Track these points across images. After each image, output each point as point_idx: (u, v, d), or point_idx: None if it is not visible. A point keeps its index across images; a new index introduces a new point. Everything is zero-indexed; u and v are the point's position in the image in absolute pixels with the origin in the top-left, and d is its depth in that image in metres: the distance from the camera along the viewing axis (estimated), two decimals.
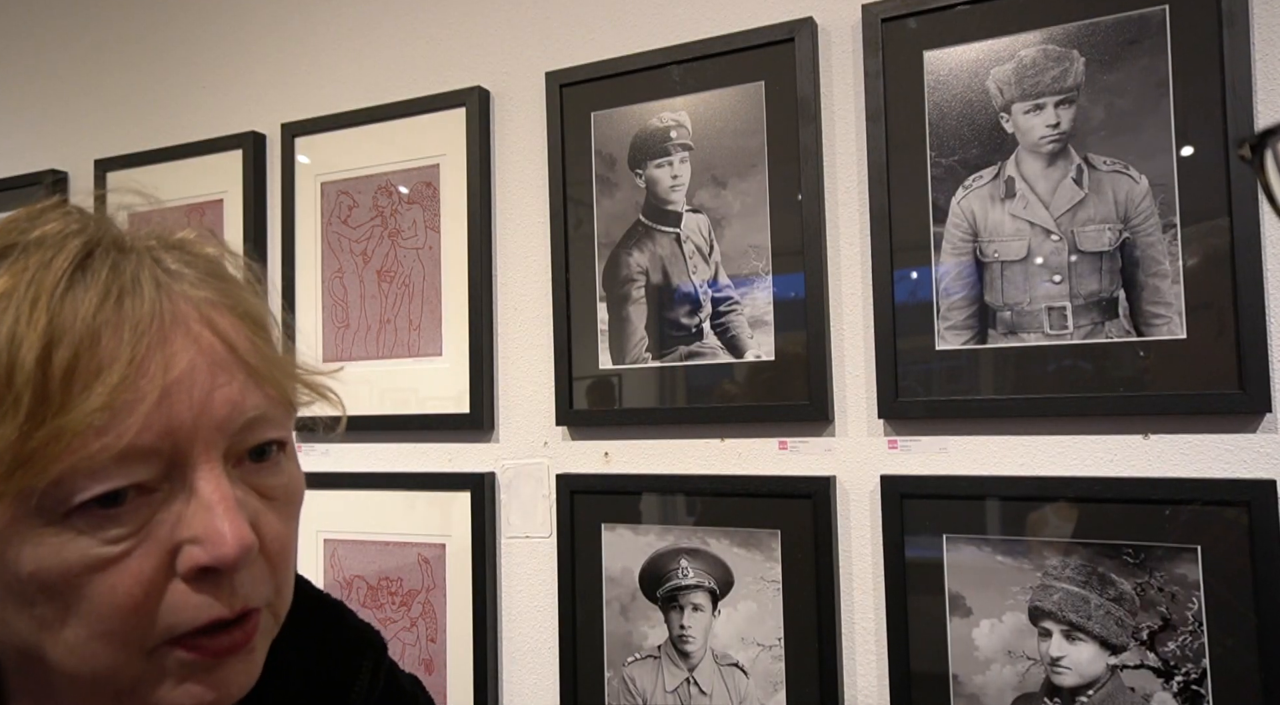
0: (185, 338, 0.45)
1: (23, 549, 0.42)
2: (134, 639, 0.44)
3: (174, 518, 0.44)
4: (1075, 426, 1.10)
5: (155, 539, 0.44)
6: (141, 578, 0.43)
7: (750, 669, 1.23)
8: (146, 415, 0.43)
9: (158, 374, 0.43)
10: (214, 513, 0.44)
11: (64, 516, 0.42)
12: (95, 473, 0.42)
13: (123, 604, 0.43)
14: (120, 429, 0.42)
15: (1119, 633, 1.05)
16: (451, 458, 1.46)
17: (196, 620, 0.44)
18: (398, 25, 1.56)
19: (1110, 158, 1.08)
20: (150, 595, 0.44)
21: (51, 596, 0.43)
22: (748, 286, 1.26)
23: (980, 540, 1.12)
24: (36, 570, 0.42)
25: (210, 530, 0.44)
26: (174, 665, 0.45)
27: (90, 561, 0.43)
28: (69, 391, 0.41)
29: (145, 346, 0.43)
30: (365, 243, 1.54)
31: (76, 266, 0.44)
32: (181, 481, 0.45)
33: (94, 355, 0.42)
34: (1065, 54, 1.10)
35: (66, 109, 1.89)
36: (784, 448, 1.24)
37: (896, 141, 1.18)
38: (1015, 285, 1.12)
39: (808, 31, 1.23)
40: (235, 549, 0.44)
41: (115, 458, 0.42)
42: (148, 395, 0.43)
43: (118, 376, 0.42)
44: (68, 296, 0.43)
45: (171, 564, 0.44)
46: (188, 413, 0.44)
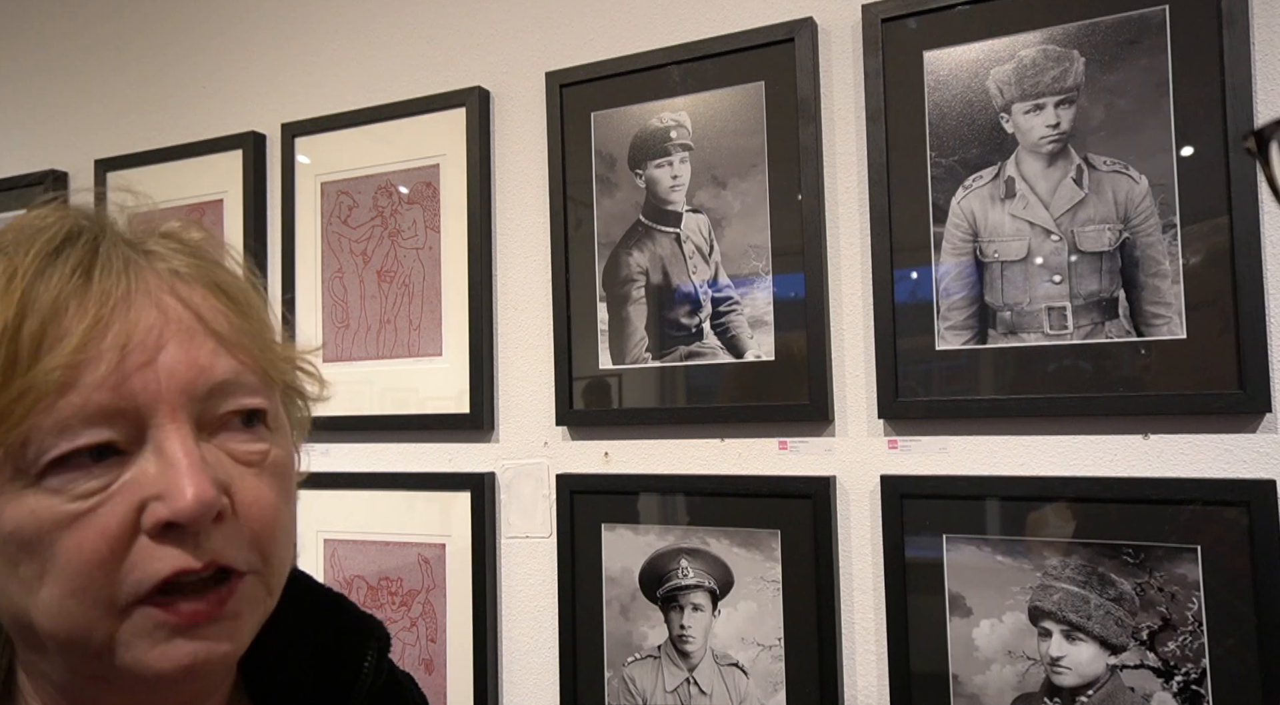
0: (149, 306, 0.47)
1: (3, 510, 0.45)
2: (103, 596, 0.45)
3: (141, 477, 0.46)
4: (1075, 426, 1.10)
5: (122, 496, 0.45)
6: (107, 533, 0.45)
7: (750, 669, 1.23)
8: (106, 374, 0.45)
9: (119, 336, 0.45)
10: (177, 469, 0.45)
11: (38, 477, 0.44)
12: (61, 430, 0.44)
13: (89, 559, 0.44)
14: (81, 387, 0.44)
15: (1119, 633, 1.05)
16: (451, 458, 1.46)
17: (160, 572, 0.45)
18: (398, 25, 1.56)
19: (1110, 158, 1.08)
20: (115, 551, 0.45)
21: (30, 555, 0.45)
22: (748, 286, 1.26)
23: (980, 540, 1.12)
24: (15, 529, 0.45)
25: (171, 486, 0.45)
26: (147, 625, 0.46)
27: (60, 517, 0.44)
28: (36, 357, 0.44)
29: (109, 311, 0.45)
30: (365, 243, 1.54)
31: (53, 250, 0.46)
32: (148, 443, 0.46)
33: (59, 324, 0.45)
34: (1065, 54, 1.10)
35: (67, 109, 1.89)
36: (784, 448, 1.24)
37: (896, 142, 1.18)
38: (1015, 285, 1.12)
39: (808, 32, 1.23)
40: (194, 504, 0.45)
41: (79, 415, 0.44)
42: (108, 355, 0.45)
43: (78, 338, 0.44)
44: (40, 277, 0.45)
45: (138, 522, 0.45)
46: (149, 372, 0.46)
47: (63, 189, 1.85)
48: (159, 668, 0.46)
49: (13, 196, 1.88)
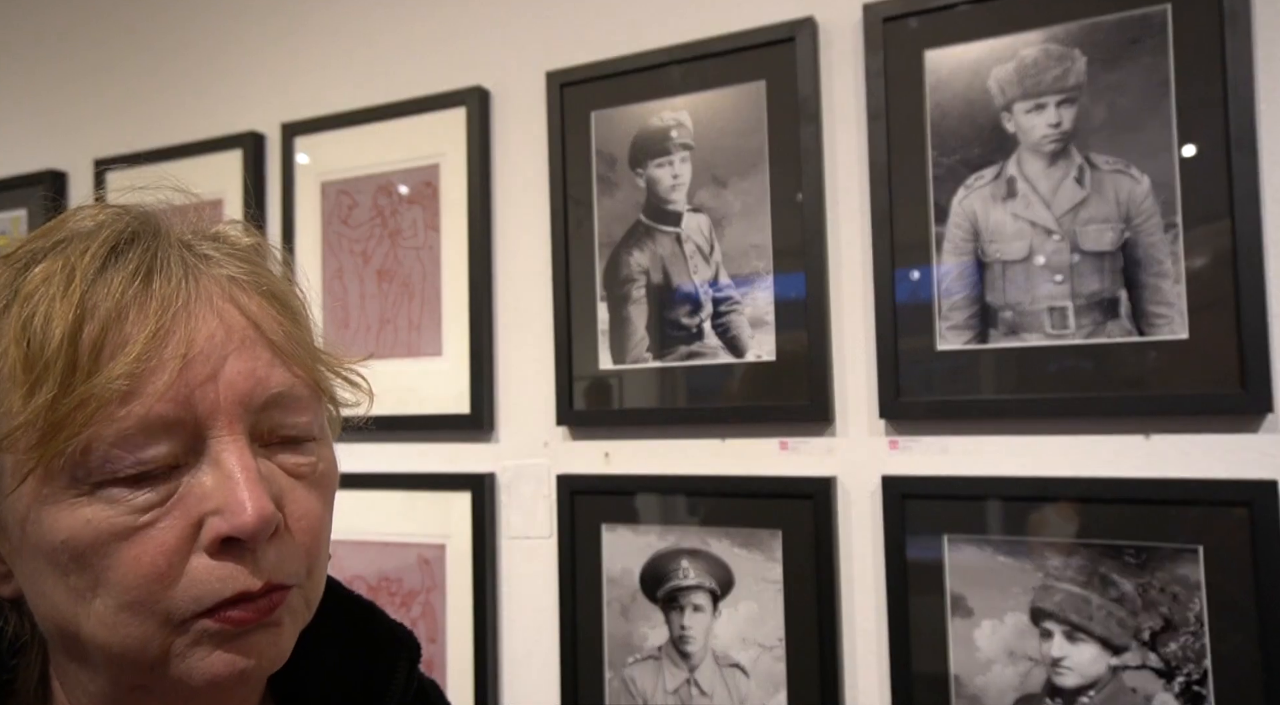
0: (210, 313, 0.47)
1: (58, 518, 0.44)
2: (160, 610, 0.45)
3: (198, 490, 0.45)
4: (1077, 427, 1.10)
5: (181, 511, 0.45)
6: (165, 548, 0.44)
7: (751, 670, 1.23)
8: (168, 384, 0.44)
9: (180, 345, 0.45)
10: (235, 483, 0.45)
11: (95, 486, 0.44)
12: (122, 440, 0.43)
13: (147, 573, 0.44)
14: (144, 397, 0.44)
15: (1120, 633, 1.04)
16: (451, 458, 1.46)
17: (221, 593, 0.45)
18: (397, 25, 1.56)
19: (1112, 157, 1.08)
20: (174, 566, 0.44)
21: (83, 566, 0.44)
22: (748, 286, 1.25)
23: (981, 541, 1.12)
24: (69, 538, 0.44)
25: (231, 500, 0.45)
26: (201, 635, 0.46)
27: (117, 530, 0.44)
28: (96, 363, 0.43)
29: (170, 319, 0.45)
30: (365, 243, 1.54)
31: (110, 250, 0.46)
32: (205, 454, 0.46)
33: (120, 330, 0.44)
34: (1067, 53, 1.10)
35: (66, 108, 1.89)
36: (785, 448, 1.24)
37: (897, 141, 1.18)
38: (1017, 285, 1.12)
39: (808, 31, 1.23)
40: (255, 519, 0.45)
41: (140, 425, 0.44)
42: (169, 364, 0.44)
43: (140, 346, 0.44)
44: (99, 278, 0.45)
45: (196, 536, 0.45)
46: (210, 384, 0.46)
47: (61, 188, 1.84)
48: (210, 675, 0.46)
49: (12, 196, 1.88)
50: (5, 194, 1.89)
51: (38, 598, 0.47)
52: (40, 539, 0.45)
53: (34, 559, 0.46)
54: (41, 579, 0.46)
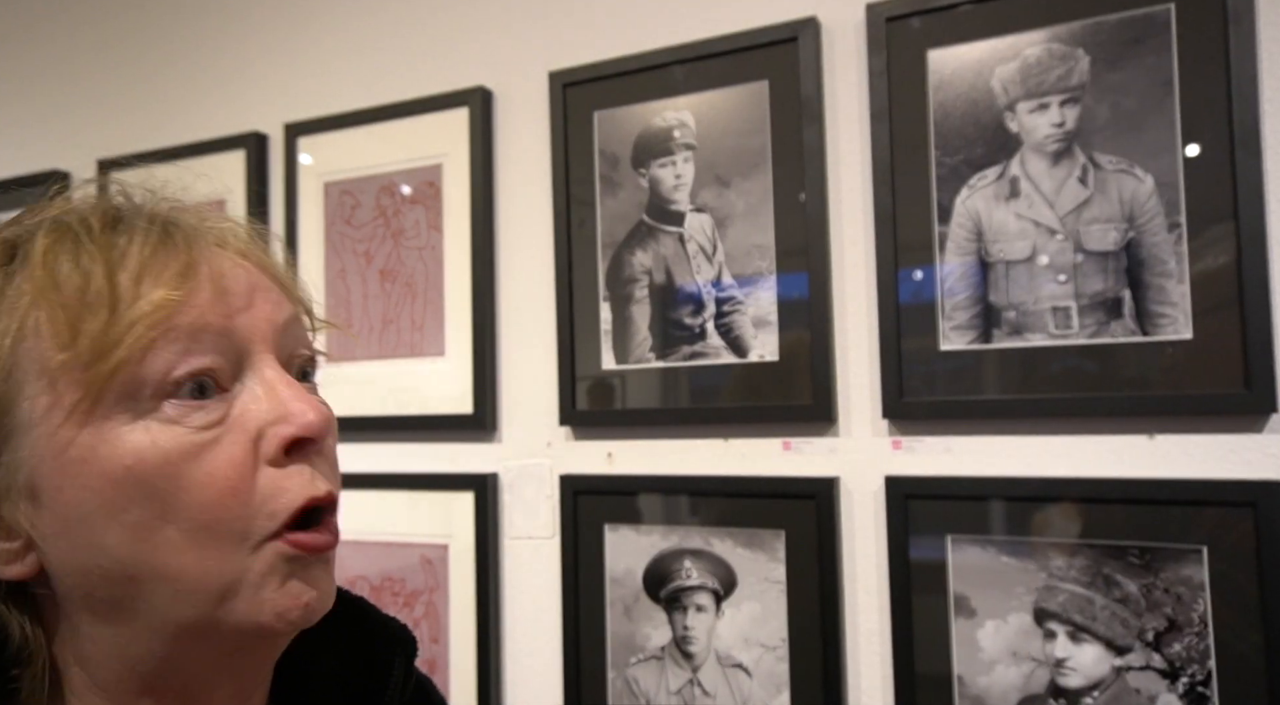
0: (222, 252, 0.50)
1: (118, 444, 0.44)
2: (239, 527, 0.45)
3: (252, 407, 0.47)
4: (1080, 427, 1.10)
5: (239, 426, 0.46)
6: (235, 461, 0.45)
7: (754, 670, 1.22)
8: (208, 301, 0.47)
9: (212, 271, 0.48)
10: (288, 395, 0.48)
11: (153, 407, 0.45)
12: (173, 350, 0.45)
13: (223, 488, 0.45)
14: (189, 310, 0.46)
15: (1124, 634, 1.04)
16: (454, 458, 1.46)
17: (295, 500, 0.47)
18: (400, 25, 1.56)
19: (1115, 157, 1.07)
20: (244, 479, 0.46)
21: (149, 494, 0.44)
22: (751, 286, 1.25)
23: (985, 541, 1.11)
24: (135, 463, 0.44)
25: (289, 408, 0.47)
26: (275, 561, 0.46)
27: (186, 447, 0.45)
28: (139, 289, 0.45)
29: (195, 254, 0.48)
30: (368, 243, 1.54)
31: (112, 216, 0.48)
32: (249, 376, 0.48)
33: (153, 265, 0.46)
34: (1070, 53, 1.10)
35: (69, 109, 1.89)
36: (788, 448, 1.24)
37: (900, 141, 1.18)
38: (1020, 285, 1.11)
39: (811, 31, 1.23)
40: (319, 417, 0.47)
41: (192, 334, 0.45)
42: (206, 286, 0.47)
43: (178, 272, 0.46)
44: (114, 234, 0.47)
45: (256, 451, 0.46)
46: (241, 302, 0.48)
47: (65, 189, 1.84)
48: (281, 606, 0.46)
49: (16, 196, 1.88)
50: (9, 194, 1.89)
51: (83, 551, 0.45)
52: (96, 472, 0.44)
53: (80, 506, 0.44)
54: (89, 527, 0.44)
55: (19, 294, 0.45)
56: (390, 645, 0.60)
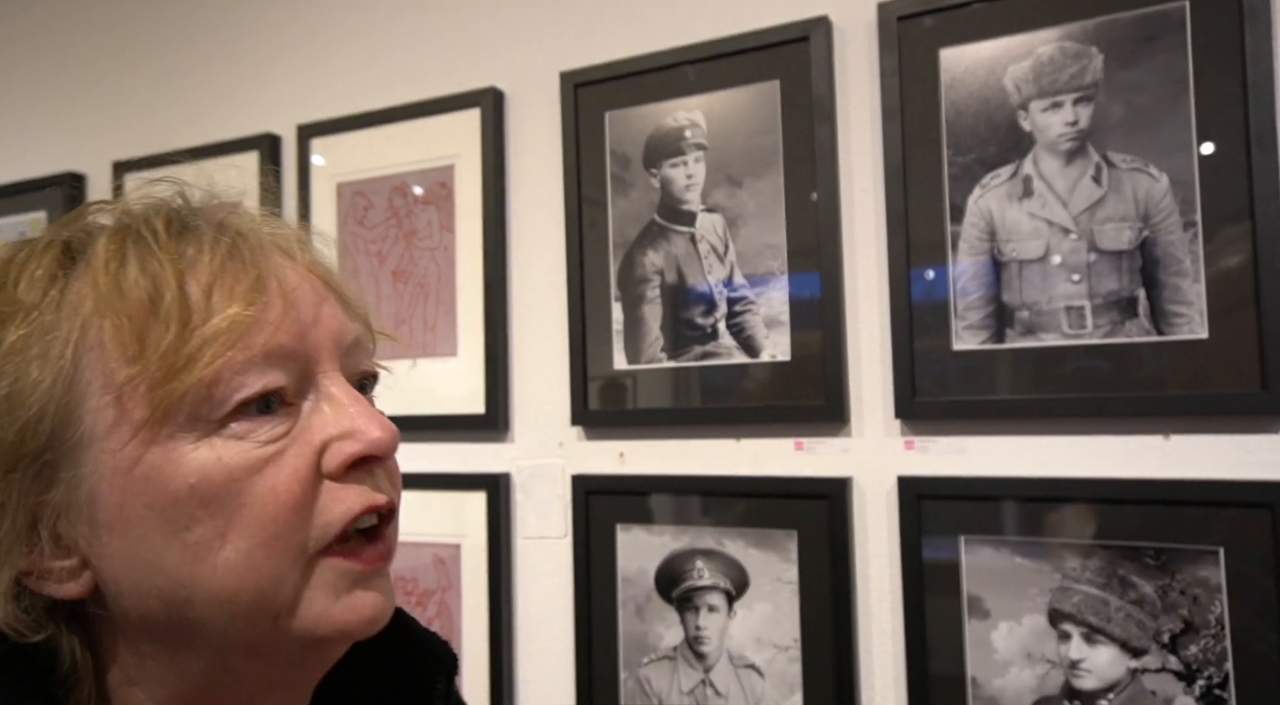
0: (290, 263, 0.49)
1: (182, 462, 0.43)
2: (296, 542, 0.45)
3: (316, 421, 0.47)
4: (1095, 427, 1.09)
5: (304, 440, 0.46)
6: (299, 474, 0.45)
7: (766, 670, 1.22)
8: (280, 318, 0.46)
9: (282, 287, 0.47)
10: (355, 411, 0.47)
11: (220, 423, 0.44)
12: (247, 370, 0.44)
13: (285, 502, 0.44)
14: (262, 329, 0.45)
15: (1140, 636, 1.04)
16: (466, 458, 1.47)
17: (351, 509, 0.46)
18: (412, 26, 1.57)
19: (1129, 156, 1.07)
20: (307, 493, 0.45)
21: (212, 511, 0.43)
22: (763, 286, 1.25)
23: (998, 542, 1.11)
24: (199, 480, 0.43)
25: (356, 424, 0.47)
26: (331, 576, 0.46)
27: (251, 462, 0.44)
28: (210, 303, 0.44)
29: (266, 268, 0.47)
30: (381, 243, 1.54)
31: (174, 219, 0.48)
32: (315, 389, 0.48)
33: (224, 277, 0.45)
34: (1083, 51, 1.09)
35: (84, 112, 1.91)
36: (800, 448, 1.24)
37: (913, 140, 1.17)
38: (1033, 285, 1.11)
39: (823, 30, 1.23)
40: (387, 435, 0.47)
41: (264, 354, 0.45)
42: (277, 302, 0.46)
43: (249, 286, 0.45)
44: (182, 240, 0.46)
45: (318, 464, 0.46)
46: (310, 319, 0.48)
47: (80, 190, 1.86)
48: (342, 620, 0.46)
49: (32, 198, 1.90)
50: (25, 196, 1.90)
51: (139, 571, 0.44)
52: (159, 490, 0.43)
53: (141, 522, 0.44)
54: (148, 546, 0.44)
55: (80, 300, 0.44)
56: (433, 664, 0.59)
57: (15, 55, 2.02)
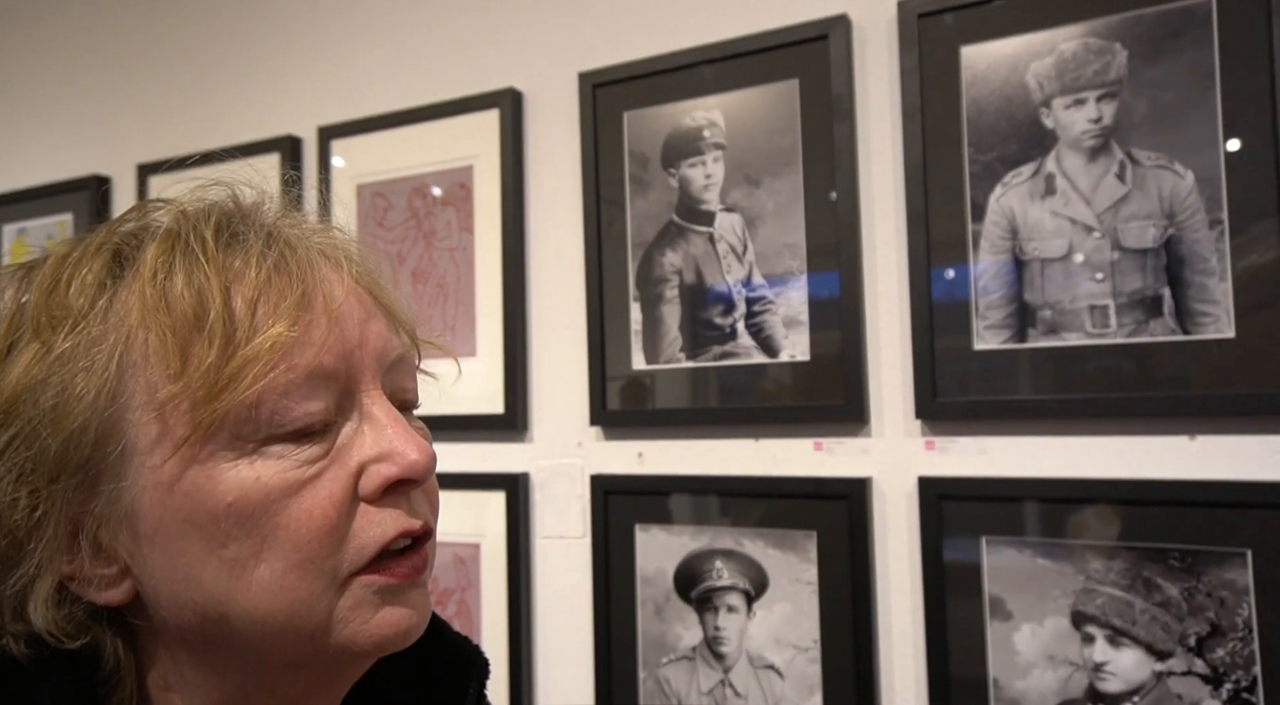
0: (337, 277, 0.48)
1: (221, 481, 0.43)
2: (329, 566, 0.45)
3: (356, 441, 0.47)
4: (1118, 427, 1.08)
5: (341, 462, 0.46)
6: (335, 498, 0.45)
7: (786, 671, 1.22)
8: (324, 338, 0.46)
9: (327, 303, 0.46)
10: (394, 433, 0.47)
11: (260, 443, 0.44)
12: (290, 392, 0.44)
13: (319, 526, 0.44)
14: (308, 348, 0.45)
15: (1165, 638, 1.02)
16: (486, 458, 1.47)
17: (386, 534, 0.46)
18: (431, 28, 1.57)
19: (1154, 153, 1.06)
20: (343, 517, 0.45)
21: (248, 530, 0.44)
22: (782, 286, 1.25)
23: (1020, 543, 1.10)
24: (237, 499, 0.43)
25: (395, 447, 0.46)
26: (364, 593, 0.46)
27: (289, 484, 0.44)
28: (253, 322, 0.44)
29: (312, 283, 0.46)
30: (400, 244, 1.55)
31: (224, 227, 0.47)
32: (355, 409, 0.47)
33: (269, 292, 0.45)
34: (1107, 47, 1.08)
35: (109, 115, 1.93)
36: (819, 448, 1.23)
37: (933, 138, 1.16)
38: (1056, 283, 1.10)
39: (842, 29, 1.22)
40: (425, 459, 0.47)
41: (306, 377, 0.45)
42: (322, 320, 0.46)
43: (295, 303, 0.45)
44: (229, 251, 0.46)
45: (355, 487, 0.46)
46: (355, 338, 0.47)
47: (105, 192, 1.88)
48: (378, 635, 0.46)
49: (58, 201, 1.92)
50: (51, 199, 1.93)
51: (178, 584, 0.45)
52: (198, 508, 0.43)
53: (181, 537, 0.44)
54: (187, 559, 0.44)
55: (126, 311, 0.44)
56: (465, 669, 0.59)
57: (41, 60, 2.05)
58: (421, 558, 0.48)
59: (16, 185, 1.99)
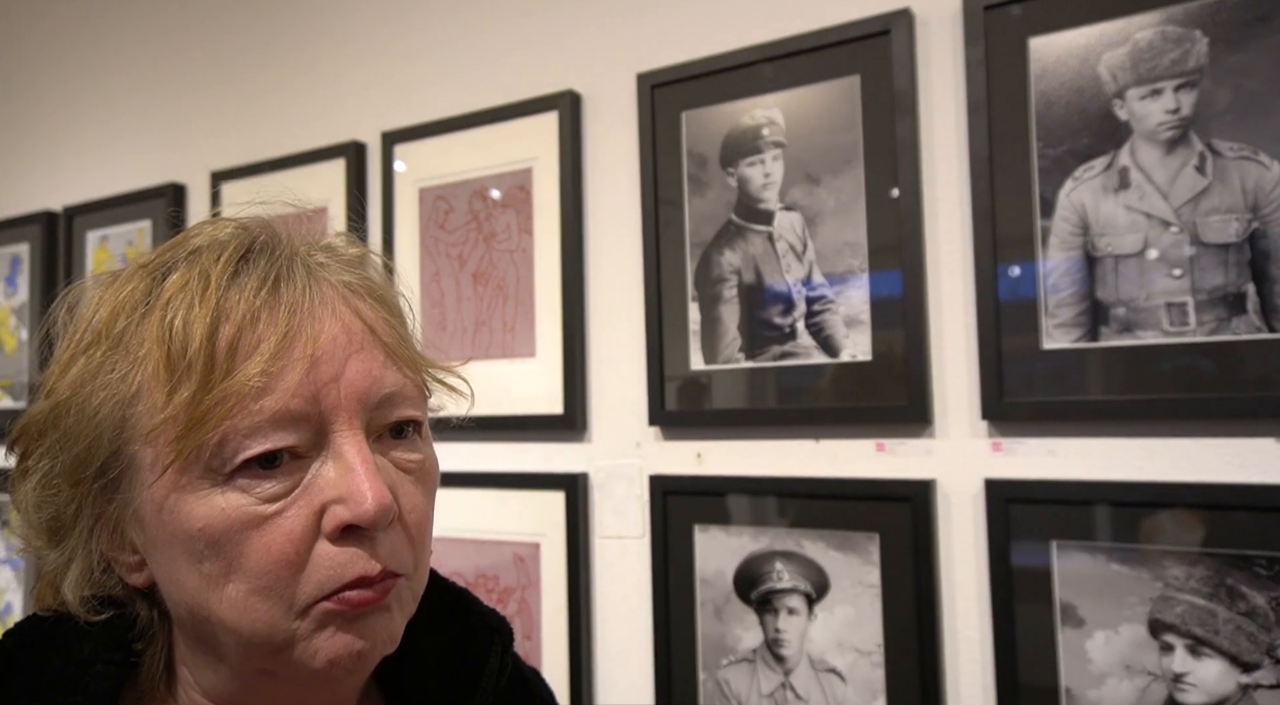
0: (331, 316, 0.50)
1: (194, 507, 0.47)
2: (287, 595, 0.48)
3: (321, 481, 0.49)
4: (1197, 429, 1.04)
5: (305, 500, 0.48)
6: (293, 536, 0.47)
7: (848, 675, 1.20)
8: (297, 383, 0.48)
9: (307, 346, 0.48)
10: (356, 474, 0.48)
11: (228, 477, 0.47)
12: (254, 433, 0.47)
13: (277, 559, 0.47)
14: (275, 393, 0.47)
15: (1251, 650, 0.98)
16: (545, 458, 1.48)
17: (343, 576, 0.48)
18: (490, 33, 1.59)
19: (1237, 143, 1.01)
20: (300, 552, 0.48)
21: (216, 552, 0.47)
22: (843, 285, 1.23)
23: (1093, 547, 1.07)
24: (205, 526, 0.47)
25: (353, 490, 0.48)
26: (323, 618, 0.48)
27: (249, 517, 0.47)
28: (233, 362, 0.47)
29: (297, 322, 0.49)
30: (461, 246, 1.57)
31: (239, 259, 0.50)
32: (327, 447, 0.49)
33: (254, 332, 0.48)
34: (1186, 34, 1.04)
35: (183, 124, 2.00)
36: (881, 450, 1.21)
37: (1000, 133, 1.14)
38: (1130, 280, 1.06)
39: (905, 23, 1.20)
40: (375, 507, 0.48)
41: (271, 419, 0.47)
42: (298, 364, 0.48)
43: (272, 347, 0.47)
44: (233, 284, 0.49)
45: (318, 524, 0.48)
46: (332, 382, 0.49)
47: (181, 200, 1.95)
48: (331, 655, 0.48)
49: (137, 209, 2.00)
50: (131, 206, 2.01)
51: (172, 585, 0.50)
52: (177, 527, 0.48)
53: (170, 547, 0.49)
54: (176, 566, 0.49)
55: (142, 339, 0.49)
56: (489, 634, 0.63)
57: (120, 75, 2.14)
58: (381, 589, 0.50)
59: (98, 194, 2.08)
